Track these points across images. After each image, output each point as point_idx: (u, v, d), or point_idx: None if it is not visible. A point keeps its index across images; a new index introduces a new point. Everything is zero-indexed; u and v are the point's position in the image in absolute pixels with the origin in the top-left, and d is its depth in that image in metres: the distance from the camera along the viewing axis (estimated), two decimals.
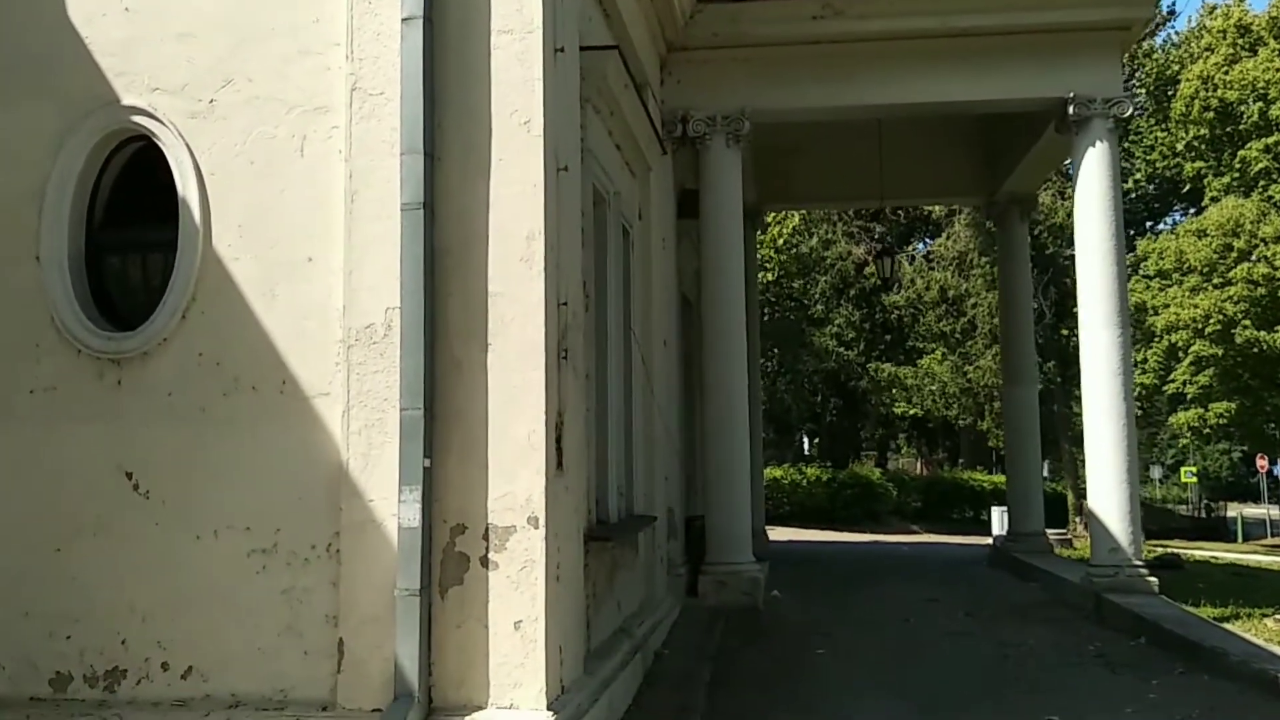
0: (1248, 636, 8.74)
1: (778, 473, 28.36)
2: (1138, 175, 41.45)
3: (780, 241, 37.73)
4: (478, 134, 5.80)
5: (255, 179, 6.04)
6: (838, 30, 10.71)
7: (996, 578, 13.79)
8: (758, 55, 10.94)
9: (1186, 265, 34.29)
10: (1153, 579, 10.61)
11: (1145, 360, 35.92)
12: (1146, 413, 37.53)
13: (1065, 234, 29.44)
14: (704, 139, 10.97)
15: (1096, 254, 10.75)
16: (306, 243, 5.96)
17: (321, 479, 5.82)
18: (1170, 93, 39.93)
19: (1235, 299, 33.31)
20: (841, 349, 31.74)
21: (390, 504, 5.63)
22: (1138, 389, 36.31)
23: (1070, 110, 10.76)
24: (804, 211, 35.22)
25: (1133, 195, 42.07)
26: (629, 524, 8.31)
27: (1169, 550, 18.94)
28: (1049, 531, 15.62)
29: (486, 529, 5.65)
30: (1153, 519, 46.56)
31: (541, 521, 5.62)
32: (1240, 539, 43.05)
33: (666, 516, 10.41)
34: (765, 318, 33.34)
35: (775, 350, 30.33)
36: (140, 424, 6.01)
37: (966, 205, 28.28)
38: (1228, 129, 38.09)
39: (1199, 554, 23.69)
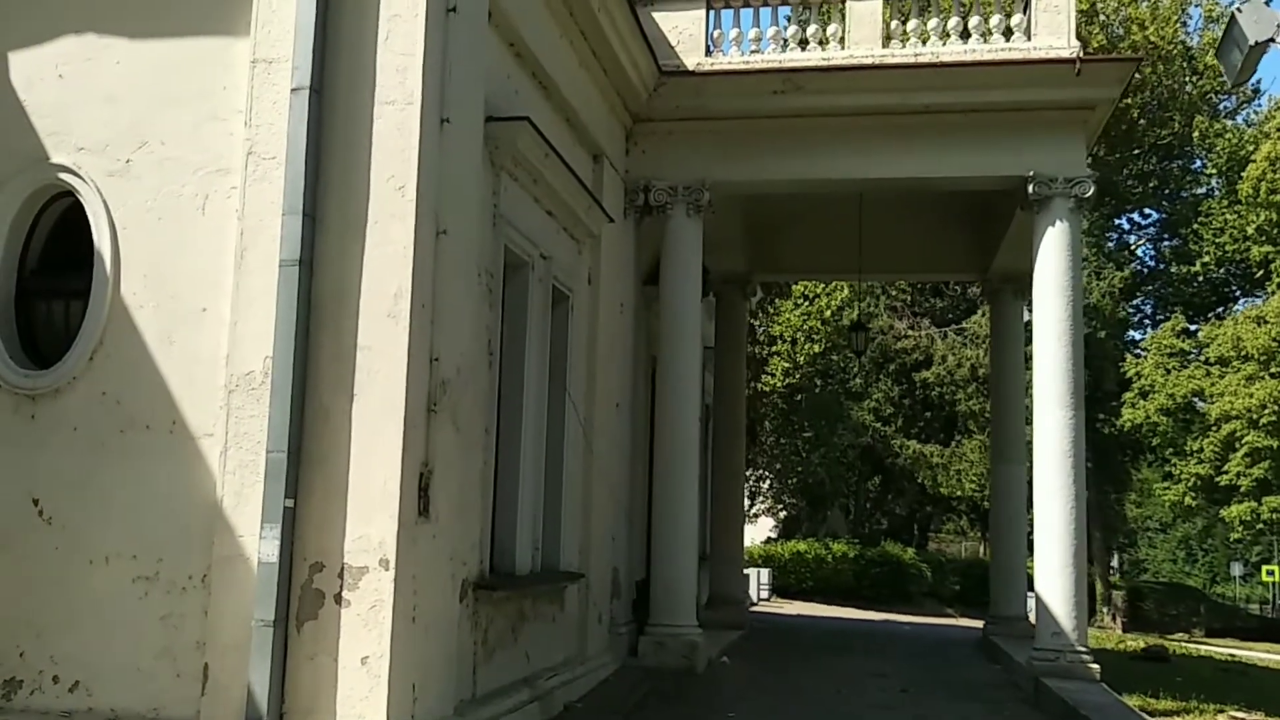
0: None
1: (801, 547, 28.14)
2: (1206, 258, 40.59)
3: (828, 313, 37.87)
4: (356, 197, 6.24)
5: (162, 234, 6.55)
6: (799, 105, 11.01)
7: (969, 659, 13.58)
8: (720, 128, 11.29)
9: (1244, 352, 33.40)
10: (1094, 665, 10.37)
11: (1201, 450, 34.93)
12: (1201, 506, 36.42)
13: (1100, 315, 29.07)
14: (665, 208, 11.32)
15: (1052, 333, 10.74)
16: (202, 294, 6.43)
17: (201, 514, 6.21)
18: (1242, 174, 39.29)
19: None
20: (879, 424, 31.52)
21: (257, 540, 5.97)
22: (1193, 479, 35.44)
23: (1031, 189, 10.83)
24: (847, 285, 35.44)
25: (1199, 279, 41.29)
26: (539, 578, 8.51)
27: (1157, 644, 18.39)
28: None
29: (342, 568, 5.97)
30: (1217, 616, 44.87)
31: (393, 564, 5.91)
32: None
33: (610, 575, 10.59)
34: (806, 391, 33.34)
35: (809, 424, 30.32)
36: (49, 455, 6.50)
37: (962, 282, 28.00)
38: None
39: (1224, 651, 22.82)
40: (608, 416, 10.57)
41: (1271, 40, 7.02)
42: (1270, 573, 52.47)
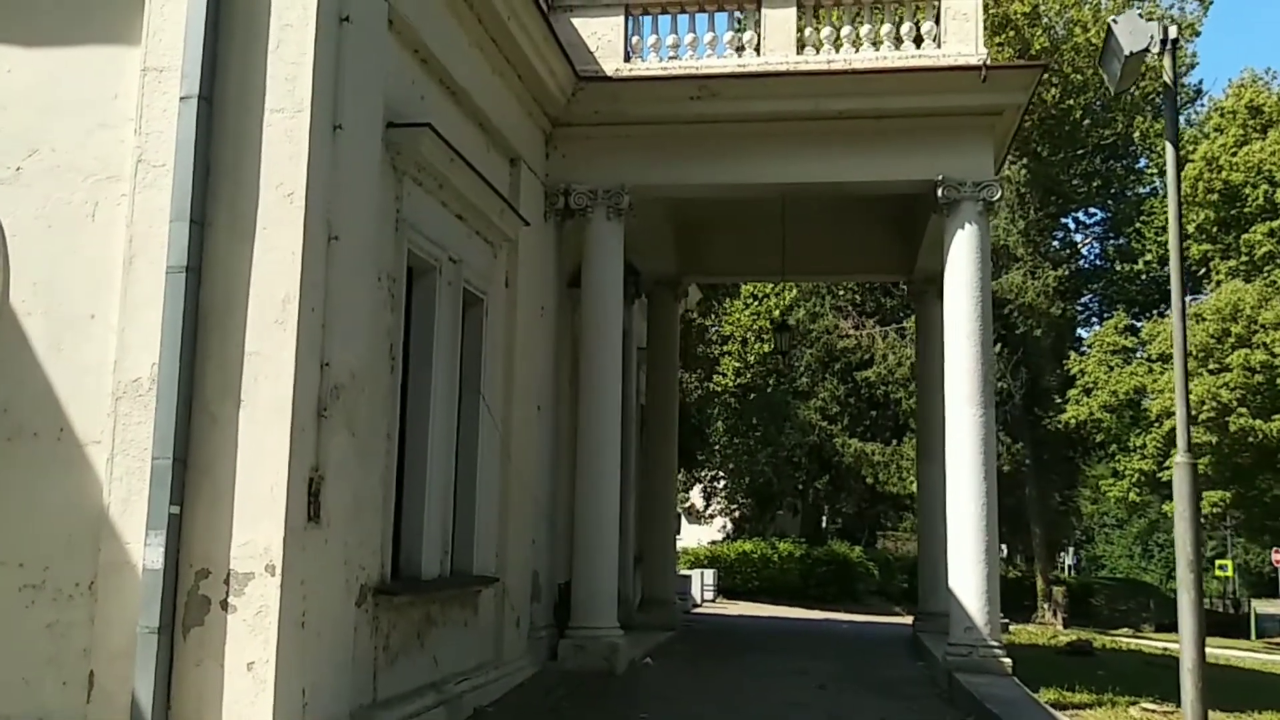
0: (1061, 718, 8.77)
1: (747, 546, 28.34)
2: (1148, 256, 41.27)
3: (777, 313, 38.15)
4: (245, 204, 6.27)
5: (51, 241, 6.52)
6: (715, 111, 11.14)
7: (896, 656, 13.76)
8: (639, 133, 11.39)
9: None
10: (1007, 660, 10.58)
11: (1144, 446, 35.48)
12: (1146, 501, 37.02)
13: (1035, 313, 29.52)
14: (585, 212, 11.40)
15: (962, 333, 10.95)
16: (91, 301, 6.42)
17: (88, 521, 6.20)
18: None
19: (1231, 385, 32.91)
20: (825, 423, 31.81)
21: (143, 547, 5.98)
22: (1136, 474, 36.03)
23: (940, 193, 11.06)
24: (794, 285, 35.75)
25: (1144, 277, 41.99)
26: (447, 583, 8.56)
27: (1081, 638, 18.70)
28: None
29: (228, 574, 5.99)
30: (1167, 612, 45.55)
31: (279, 569, 5.95)
32: (1254, 635, 42.00)
33: (530, 579, 10.65)
34: (758, 391, 33.54)
35: (757, 423, 30.54)
36: None
37: (889, 282, 28.38)
38: (1233, 212, 38.06)
39: (1159, 646, 23.26)
40: (528, 420, 10.64)
41: (1146, 50, 7.24)
42: (1223, 568, 53.45)
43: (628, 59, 11.45)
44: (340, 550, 6.62)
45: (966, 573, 10.66)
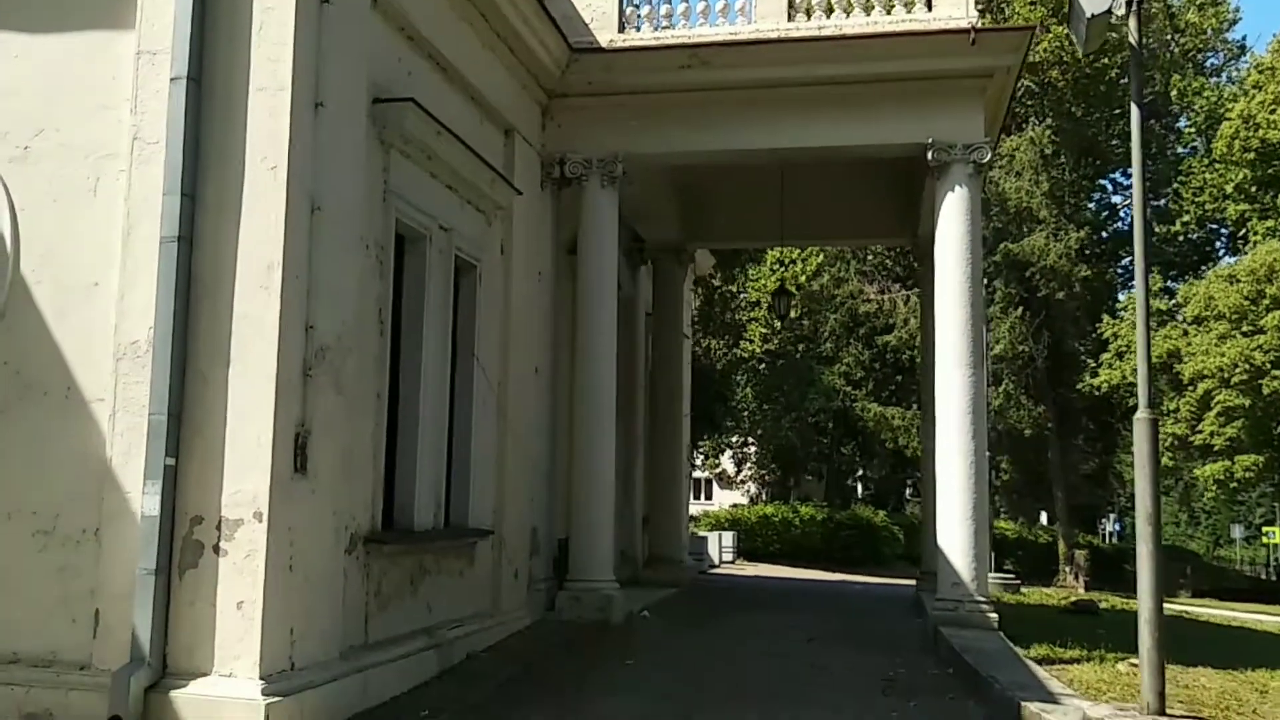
0: (1039, 671, 9.00)
1: (768, 510, 28.68)
2: (1186, 217, 40.80)
3: (803, 278, 38.25)
4: (233, 178, 6.73)
5: (57, 215, 7.03)
6: (706, 79, 11.40)
7: (897, 614, 14.06)
8: (632, 102, 11.68)
9: (1217, 311, 33.60)
10: (993, 615, 10.84)
11: (1177, 409, 35.20)
12: (1178, 465, 36.76)
13: (1058, 276, 29.41)
14: (581, 180, 11.76)
15: (952, 296, 11.19)
16: (94, 270, 6.92)
17: (94, 472, 6.73)
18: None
19: (1265, 348, 32.56)
20: (849, 388, 31.97)
21: (141, 496, 6.50)
22: (1169, 439, 35.79)
23: (930, 156, 11.25)
24: (819, 251, 35.78)
25: (1180, 239, 41.50)
26: (440, 535, 9.03)
27: (1086, 599, 18.90)
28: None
29: (220, 521, 6.50)
30: (1206, 578, 45.27)
31: (266, 516, 6.45)
32: None
33: (529, 534, 11.12)
34: (786, 356, 33.69)
35: (783, 389, 30.77)
36: None
37: (895, 245, 28.35)
38: (1270, 170, 37.46)
39: (1179, 609, 23.35)
40: (525, 382, 11.06)
41: (1109, 12, 7.41)
42: (1270, 534, 52.85)
43: (622, 29, 11.73)
44: (328, 501, 7.09)
45: (954, 530, 10.96)
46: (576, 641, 10.18)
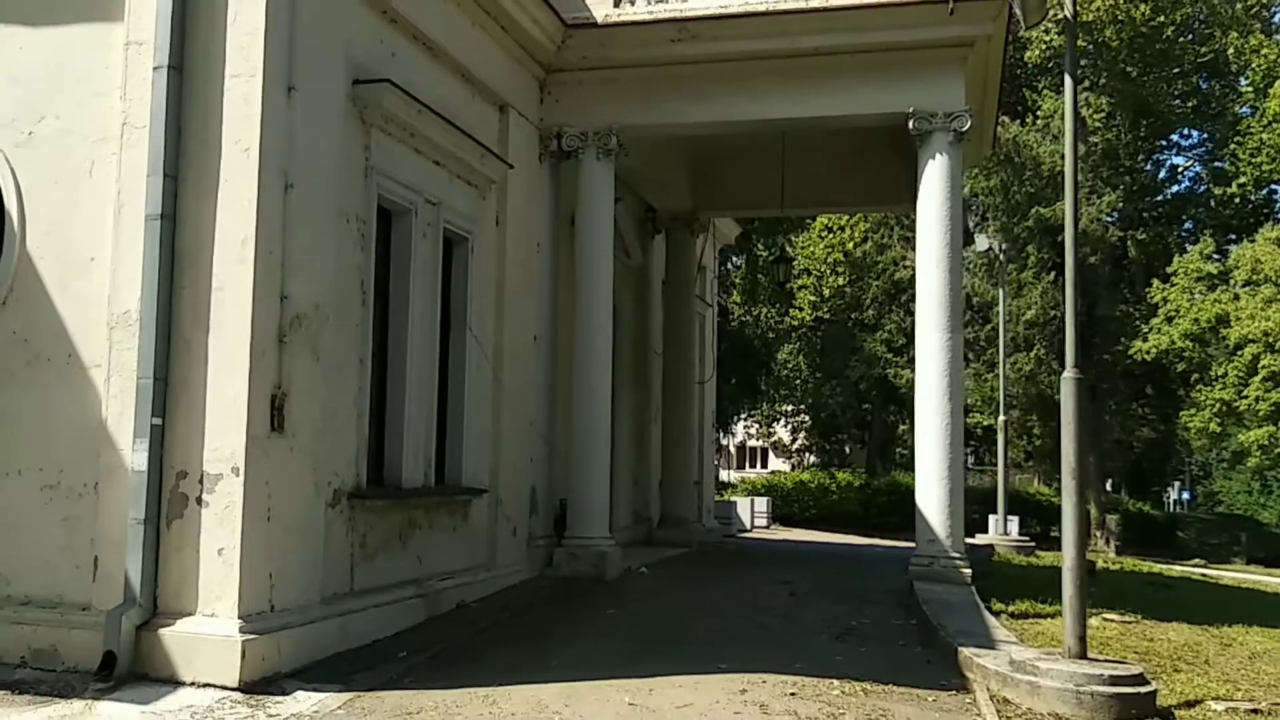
0: (991, 621, 9.34)
1: (805, 476, 28.94)
2: (1243, 179, 39.82)
3: (850, 245, 38.21)
4: (210, 159, 7.28)
5: (58, 195, 7.65)
6: (695, 52, 11.69)
7: (891, 571, 14.26)
8: (624, 76, 12.06)
9: (1263, 275, 32.91)
10: (967, 570, 11.17)
11: (1225, 375, 34.61)
12: (1226, 432, 36.16)
13: (1090, 240, 28.97)
14: (577, 153, 12.17)
15: (931, 260, 11.41)
16: (90, 246, 7.53)
17: (92, 431, 7.37)
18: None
19: None
20: (890, 355, 32.03)
21: (132, 453, 7.13)
22: (1217, 404, 35.21)
23: (911, 125, 11.47)
24: (864, 217, 35.69)
25: (1236, 200, 40.53)
26: (429, 492, 9.57)
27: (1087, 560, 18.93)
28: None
29: (202, 475, 7.11)
30: (1264, 545, 44.44)
31: (242, 471, 7.03)
32: None
33: (529, 494, 11.65)
34: (837, 323, 33.65)
35: (825, 356, 30.92)
36: None
37: (902, 213, 28.17)
38: None
39: (1199, 573, 23.27)
40: (523, 349, 11.56)
41: None
42: None
43: (617, 4, 12.04)
44: (308, 458, 7.66)
45: (931, 489, 11.28)
46: (568, 594, 10.70)
